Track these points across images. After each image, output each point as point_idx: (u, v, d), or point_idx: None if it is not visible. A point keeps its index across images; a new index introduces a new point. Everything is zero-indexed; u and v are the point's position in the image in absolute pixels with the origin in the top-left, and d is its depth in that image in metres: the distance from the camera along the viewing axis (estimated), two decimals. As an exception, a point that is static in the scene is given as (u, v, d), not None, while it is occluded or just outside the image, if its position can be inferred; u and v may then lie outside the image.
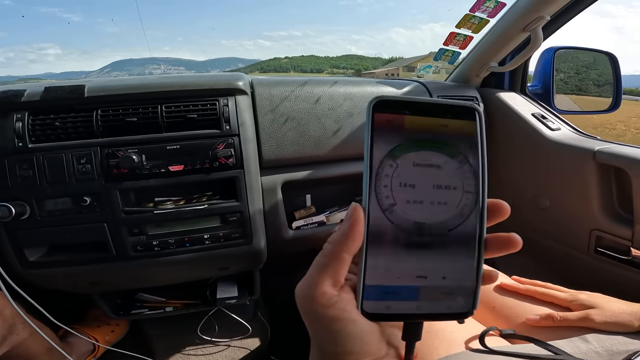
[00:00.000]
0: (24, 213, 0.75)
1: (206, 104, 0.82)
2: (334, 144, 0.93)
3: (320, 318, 0.26)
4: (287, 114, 0.91)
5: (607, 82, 1.26)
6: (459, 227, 0.27)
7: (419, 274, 0.27)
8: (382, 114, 0.26)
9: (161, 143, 0.79)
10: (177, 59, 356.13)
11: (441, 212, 0.27)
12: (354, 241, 0.26)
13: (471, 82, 1.22)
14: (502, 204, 0.28)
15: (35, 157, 0.75)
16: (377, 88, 1.01)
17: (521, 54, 1.05)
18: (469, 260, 0.27)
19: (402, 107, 0.27)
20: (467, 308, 0.28)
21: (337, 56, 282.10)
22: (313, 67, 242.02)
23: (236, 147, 0.81)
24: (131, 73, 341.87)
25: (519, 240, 0.27)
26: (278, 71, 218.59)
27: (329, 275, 0.26)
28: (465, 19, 1.08)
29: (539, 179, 1.06)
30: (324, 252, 0.27)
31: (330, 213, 0.96)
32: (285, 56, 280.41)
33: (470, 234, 0.27)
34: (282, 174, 0.91)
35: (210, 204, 0.81)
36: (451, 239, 0.27)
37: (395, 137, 0.26)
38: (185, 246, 0.82)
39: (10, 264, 0.77)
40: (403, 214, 0.26)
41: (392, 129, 0.26)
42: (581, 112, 1.30)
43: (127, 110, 0.79)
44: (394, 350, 0.29)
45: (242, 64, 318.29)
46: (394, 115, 0.26)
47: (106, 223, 0.78)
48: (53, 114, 0.77)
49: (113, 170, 0.76)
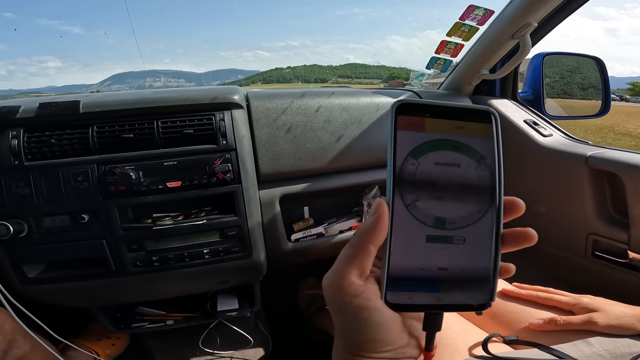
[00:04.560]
0: (22, 231, 0.75)
1: (202, 119, 0.82)
2: (331, 157, 0.93)
3: (347, 307, 0.28)
4: (284, 127, 0.91)
5: (591, 85, 1.29)
6: (477, 222, 0.29)
7: (440, 267, 0.28)
8: (404, 116, 0.28)
9: (158, 159, 0.78)
10: (177, 71, 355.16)
11: (460, 208, 0.28)
12: (379, 234, 0.27)
13: (463, 90, 1.23)
14: (517, 201, 0.30)
15: (31, 175, 0.75)
16: (371, 98, 1.01)
17: (511, 61, 1.06)
18: (487, 254, 0.29)
19: (423, 110, 0.28)
20: (485, 300, 0.29)
21: (340, 65, 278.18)
22: (317, 77, 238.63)
23: (233, 162, 0.81)
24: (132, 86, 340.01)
25: (534, 234, 0.29)
26: (281, 82, 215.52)
27: (355, 267, 0.28)
28: (456, 27, 1.10)
29: (534, 186, 1.07)
30: (351, 244, 0.28)
31: (329, 225, 0.96)
32: (287, 66, 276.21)
33: (488, 228, 0.29)
34: (280, 188, 0.91)
35: (209, 219, 0.81)
36: (470, 233, 0.28)
37: (416, 137, 0.28)
38: (184, 261, 0.81)
39: (10, 280, 0.77)
40: (425, 209, 0.28)
41: (414, 130, 0.28)
42: (572, 117, 1.32)
43: (123, 126, 0.79)
44: (415, 340, 0.31)
45: (242, 75, 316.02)
46: (415, 118, 0.28)
47: (105, 240, 0.78)
48: (49, 131, 0.77)
49: (110, 187, 0.76)
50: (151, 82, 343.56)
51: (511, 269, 0.30)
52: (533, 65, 1.21)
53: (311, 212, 1.00)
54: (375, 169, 1.00)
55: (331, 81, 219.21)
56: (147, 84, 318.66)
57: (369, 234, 0.27)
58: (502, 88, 1.22)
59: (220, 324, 1.10)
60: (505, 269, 0.30)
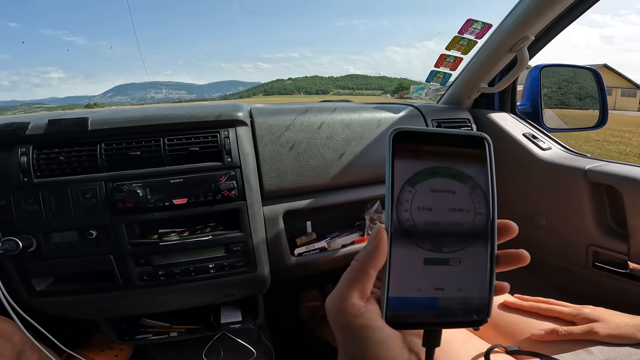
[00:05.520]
0: (31, 246, 0.76)
1: (207, 136, 0.83)
2: (334, 173, 0.95)
3: (350, 327, 0.29)
4: (287, 144, 0.92)
5: (588, 94, 1.30)
6: (473, 245, 0.30)
7: (437, 287, 0.30)
8: (400, 144, 0.30)
9: (164, 177, 0.80)
10: (178, 83, 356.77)
11: (457, 230, 0.30)
12: (379, 259, 0.29)
13: (463, 103, 1.24)
14: (510, 224, 0.31)
15: (40, 192, 0.76)
16: (373, 114, 1.03)
17: (509, 75, 1.08)
18: (483, 274, 0.30)
19: (419, 137, 0.30)
20: (482, 316, 0.30)
21: (341, 76, 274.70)
22: (318, 89, 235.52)
23: (238, 179, 0.83)
24: (134, 97, 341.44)
25: (527, 255, 0.31)
26: (282, 93, 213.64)
27: (357, 289, 0.30)
28: (455, 40, 1.12)
29: (533, 198, 1.08)
30: (353, 269, 0.30)
31: (331, 239, 0.97)
32: (288, 77, 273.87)
33: (482, 250, 0.30)
34: (283, 204, 0.93)
35: (215, 235, 0.83)
36: (466, 255, 0.30)
37: (413, 165, 0.30)
38: (190, 275, 0.83)
39: (18, 292, 0.78)
40: (422, 235, 0.29)
41: (410, 158, 0.30)
42: (570, 129, 1.33)
43: (130, 144, 0.80)
44: (415, 356, 0.32)
45: (243, 87, 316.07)
46: (411, 145, 0.30)
47: (112, 255, 0.79)
48: (57, 148, 0.78)
49: (118, 204, 0.78)
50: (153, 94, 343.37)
51: (505, 287, 0.31)
52: (531, 77, 1.22)
53: (313, 226, 1.01)
54: (376, 184, 1.01)
55: (332, 92, 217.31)
56: (148, 95, 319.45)
57: (369, 259, 0.29)
58: (501, 101, 1.24)
59: (224, 336, 1.11)
60: (500, 288, 0.31)
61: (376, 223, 1.00)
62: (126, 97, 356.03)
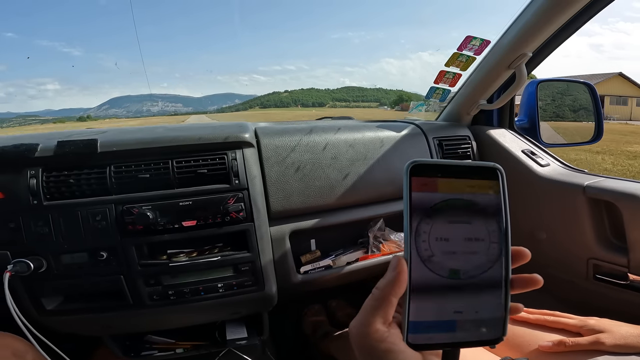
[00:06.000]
0: (41, 267, 0.77)
1: (215, 158, 0.85)
2: (339, 193, 0.96)
3: (374, 350, 0.31)
4: (293, 165, 0.94)
5: (582, 107, 1.32)
6: (488, 271, 0.32)
7: (455, 310, 0.31)
8: (417, 177, 0.31)
9: (174, 199, 0.81)
10: (175, 96, 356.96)
11: (473, 260, 0.31)
12: (400, 287, 0.31)
13: (462, 120, 1.26)
14: (523, 251, 0.33)
15: (50, 215, 0.77)
16: (376, 133, 1.05)
17: (508, 91, 1.10)
18: (498, 297, 0.32)
19: (435, 170, 0.32)
20: (498, 335, 0.32)
21: (337, 88, 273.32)
22: (315, 101, 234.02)
23: (246, 201, 0.84)
24: (129, 110, 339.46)
25: (540, 280, 0.33)
26: (279, 106, 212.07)
27: (380, 316, 0.31)
28: (454, 57, 1.14)
29: (533, 214, 1.10)
30: (375, 297, 0.32)
31: (336, 256, 0.99)
32: (285, 90, 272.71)
33: (497, 276, 0.32)
34: (290, 224, 0.94)
35: (223, 255, 0.84)
36: (482, 280, 0.32)
37: (430, 198, 0.31)
38: (200, 294, 0.84)
39: (28, 311, 0.79)
40: (440, 262, 0.31)
41: (427, 191, 0.31)
42: (567, 144, 1.35)
43: (140, 166, 0.81)
44: None
45: (239, 100, 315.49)
46: (428, 179, 0.31)
47: (122, 275, 0.80)
48: (67, 170, 0.79)
49: (128, 226, 0.78)
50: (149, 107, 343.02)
51: (520, 308, 0.33)
52: (527, 92, 1.24)
53: (317, 243, 1.02)
54: (380, 203, 1.03)
55: (329, 105, 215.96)
56: (144, 108, 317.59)
57: (390, 287, 0.31)
58: (500, 117, 1.26)
59: (229, 352, 1.12)
60: (515, 308, 0.33)
61: (380, 241, 1.01)
62: (122, 109, 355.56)
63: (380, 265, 1.00)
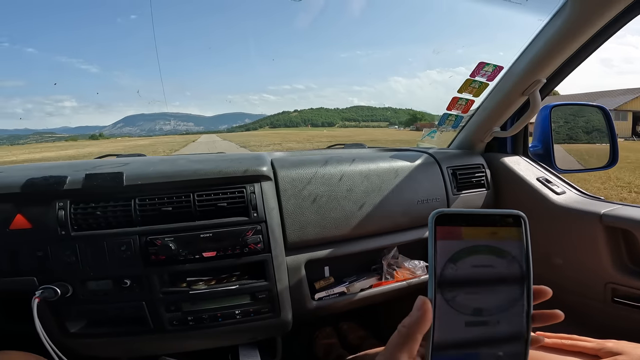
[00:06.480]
0: (67, 292, 0.81)
1: (234, 192, 0.88)
2: (354, 224, 0.98)
3: None
4: (309, 197, 0.96)
5: (595, 128, 1.31)
6: (510, 309, 0.33)
7: (477, 344, 0.33)
8: (442, 227, 0.33)
9: (195, 231, 0.84)
10: (186, 115, 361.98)
11: (495, 299, 0.33)
12: (425, 326, 0.33)
13: (476, 147, 1.26)
14: (545, 289, 0.35)
15: (77, 245, 0.81)
16: (390, 164, 1.06)
17: (522, 119, 1.10)
18: (519, 332, 0.34)
19: (459, 219, 0.34)
20: None
21: (346, 108, 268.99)
22: (324, 121, 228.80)
23: (264, 233, 0.87)
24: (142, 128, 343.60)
25: (561, 315, 0.35)
26: (288, 126, 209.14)
27: (405, 351, 0.33)
28: (466, 83, 1.14)
29: (549, 240, 1.10)
30: (401, 334, 0.34)
31: (350, 283, 1.01)
32: (294, 109, 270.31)
33: (519, 312, 0.34)
34: (305, 254, 0.96)
35: (241, 284, 0.87)
36: (504, 317, 0.33)
37: (454, 246, 0.33)
38: (217, 321, 0.87)
39: (52, 333, 0.81)
40: (463, 302, 0.33)
41: (452, 239, 0.33)
42: (582, 170, 1.33)
43: (163, 199, 0.85)
44: None
45: (249, 119, 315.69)
46: (452, 227, 0.33)
47: (145, 302, 0.84)
48: (94, 203, 0.83)
49: (151, 256, 0.82)
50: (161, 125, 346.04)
51: (540, 340, 0.36)
52: (541, 117, 1.22)
53: (331, 270, 1.05)
54: (394, 233, 1.05)
55: (338, 125, 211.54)
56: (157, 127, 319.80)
57: (416, 325, 0.32)
58: (513, 144, 1.25)
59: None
60: (535, 340, 0.35)
61: (394, 268, 1.03)
62: (135, 127, 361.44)
63: (394, 291, 1.02)
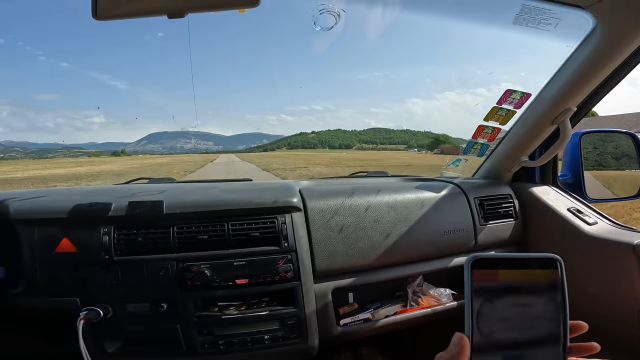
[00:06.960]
0: (107, 313, 0.86)
1: (266, 222, 0.93)
2: (380, 253, 1.01)
3: None
4: (337, 227, 0.99)
5: (624, 154, 1.29)
6: (546, 344, 0.34)
7: None
8: (478, 270, 0.35)
9: (228, 259, 0.89)
10: (207, 134, 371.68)
11: (532, 334, 0.35)
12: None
13: (503, 177, 1.25)
14: (581, 324, 0.37)
15: (120, 269, 0.86)
16: (416, 194, 1.09)
17: (552, 148, 1.08)
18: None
19: (495, 263, 0.35)
20: None
21: (364, 130, 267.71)
22: (342, 143, 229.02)
23: (294, 262, 0.91)
24: (165, 146, 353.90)
25: (597, 346, 0.36)
26: (306, 147, 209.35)
27: None
28: (493, 111, 1.14)
29: (582, 270, 1.07)
30: None
31: (375, 310, 1.03)
32: (312, 131, 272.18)
33: (555, 347, 0.35)
34: (332, 282, 0.99)
35: (271, 310, 0.91)
36: (540, 352, 0.35)
37: (491, 287, 0.34)
38: (247, 345, 0.91)
39: (90, 352, 0.85)
40: (501, 337, 0.34)
41: (488, 281, 0.35)
42: (613, 199, 1.30)
43: (199, 228, 0.90)
44: None
45: (267, 140, 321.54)
46: (488, 271, 0.35)
47: (179, 325, 0.89)
48: (136, 229, 0.89)
49: (187, 282, 0.87)
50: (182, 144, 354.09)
51: None
52: (570, 144, 1.19)
53: (355, 296, 1.07)
54: (420, 262, 1.06)
55: (356, 147, 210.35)
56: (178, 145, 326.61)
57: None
58: (542, 173, 1.23)
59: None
60: None
61: (419, 295, 1.04)
62: (158, 145, 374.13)
63: (418, 318, 1.03)
